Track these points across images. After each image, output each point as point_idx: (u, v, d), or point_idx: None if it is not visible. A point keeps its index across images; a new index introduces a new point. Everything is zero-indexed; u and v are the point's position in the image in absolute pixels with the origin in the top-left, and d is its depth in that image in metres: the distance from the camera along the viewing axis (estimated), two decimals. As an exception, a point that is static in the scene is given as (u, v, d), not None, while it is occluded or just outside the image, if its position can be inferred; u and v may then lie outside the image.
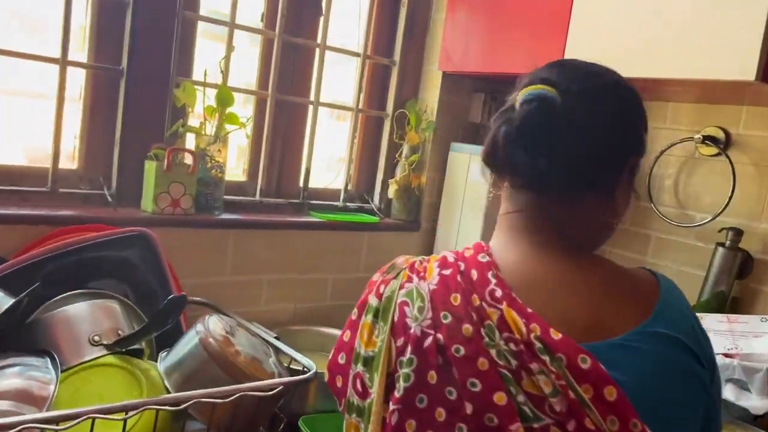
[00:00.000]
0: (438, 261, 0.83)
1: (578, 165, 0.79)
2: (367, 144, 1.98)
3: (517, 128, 0.78)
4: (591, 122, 0.79)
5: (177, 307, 1.10)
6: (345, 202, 1.94)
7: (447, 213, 1.94)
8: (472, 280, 0.78)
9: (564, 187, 0.81)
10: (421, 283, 0.81)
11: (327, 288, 1.82)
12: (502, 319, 0.74)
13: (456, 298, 0.77)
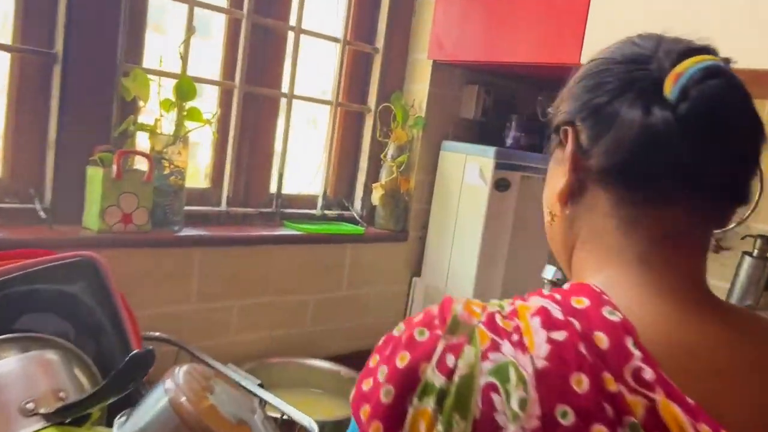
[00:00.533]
0: (537, 315, 0.57)
1: (754, 166, 0.60)
2: (347, 143, 1.73)
3: (703, 115, 0.57)
4: (754, 109, 0.60)
5: (141, 367, 0.83)
6: (323, 209, 1.69)
7: (439, 221, 1.72)
8: (601, 349, 0.53)
9: (739, 198, 0.61)
10: (520, 354, 0.54)
11: (307, 311, 1.57)
12: (653, 414, 0.51)
13: (580, 382, 0.52)
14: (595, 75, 0.64)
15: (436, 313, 0.60)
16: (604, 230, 0.63)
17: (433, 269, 1.72)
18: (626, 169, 0.60)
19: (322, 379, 1.45)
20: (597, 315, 0.55)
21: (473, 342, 0.56)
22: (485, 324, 0.57)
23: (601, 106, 0.61)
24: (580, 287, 0.60)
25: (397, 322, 1.94)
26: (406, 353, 0.58)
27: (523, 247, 1.74)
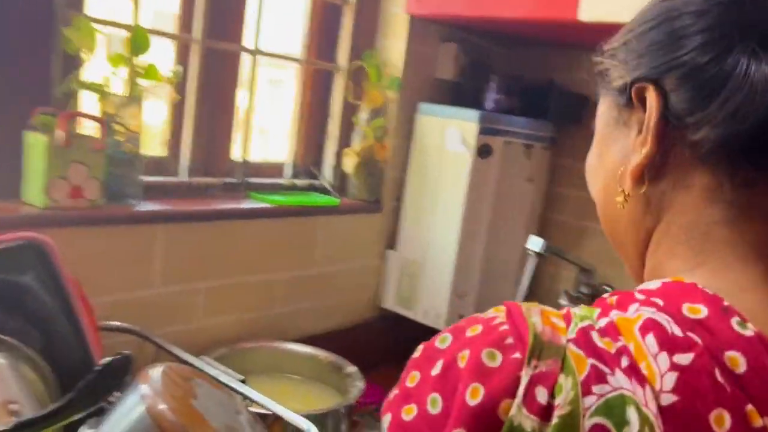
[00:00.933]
0: (649, 331, 0.45)
1: None
2: (315, 105, 1.59)
3: None
4: None
5: (115, 377, 0.69)
6: (292, 179, 1.54)
7: (416, 190, 1.61)
8: (738, 374, 0.43)
9: None
10: (637, 387, 0.43)
11: (277, 291, 1.44)
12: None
13: (722, 421, 0.42)
14: (685, 18, 0.52)
15: (506, 327, 0.47)
16: (704, 215, 0.52)
17: (409, 242, 1.62)
18: (750, 141, 0.48)
19: (298, 364, 1.33)
20: (725, 328, 0.45)
21: (567, 369, 0.44)
22: (577, 343, 0.45)
23: (708, 62, 0.49)
24: (682, 288, 0.48)
25: (370, 299, 1.79)
26: (478, 386, 0.45)
27: (504, 217, 1.65)
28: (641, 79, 0.54)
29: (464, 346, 0.48)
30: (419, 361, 0.51)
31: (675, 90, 0.51)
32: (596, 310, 0.49)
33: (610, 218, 0.60)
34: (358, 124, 1.56)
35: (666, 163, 0.53)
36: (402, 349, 1.74)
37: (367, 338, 1.64)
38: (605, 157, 0.59)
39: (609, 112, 0.59)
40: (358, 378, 1.24)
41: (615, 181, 0.57)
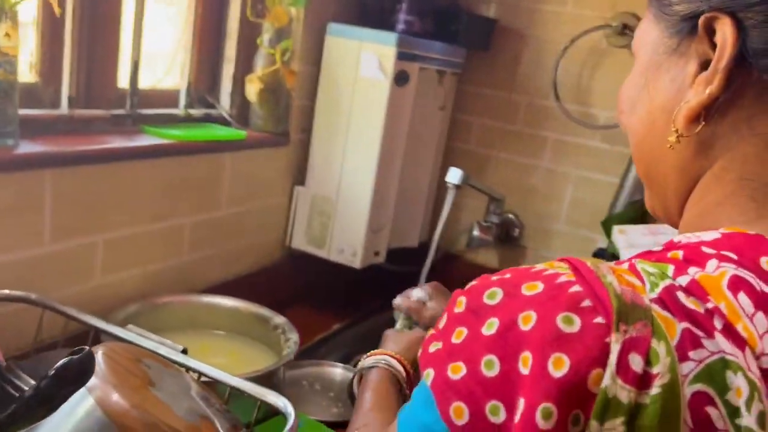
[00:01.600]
0: (740, 290, 0.42)
1: None
2: (208, 23, 1.38)
3: None
4: None
5: (74, 381, 0.53)
6: (187, 108, 1.35)
7: (327, 121, 1.48)
8: None
9: None
10: (739, 353, 0.40)
11: (183, 238, 1.27)
12: None
13: None
14: None
15: (579, 288, 0.43)
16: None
17: (320, 176, 1.50)
18: None
19: (218, 317, 1.20)
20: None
21: (659, 334, 0.40)
22: (663, 304, 0.42)
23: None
24: (751, 240, 0.45)
25: (278, 239, 1.66)
26: (561, 355, 0.40)
27: (417, 147, 1.58)
28: (715, 8, 0.48)
29: (525, 305, 0.43)
30: (464, 315, 0.46)
31: (758, 27, 0.46)
32: (669, 266, 0.44)
33: (651, 156, 0.55)
34: (262, 45, 1.38)
35: (731, 105, 0.48)
36: (313, 290, 1.65)
37: (277, 281, 1.53)
38: (652, 88, 0.53)
39: (661, 37, 0.53)
40: (290, 329, 1.14)
41: (665, 117, 0.52)
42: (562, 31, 1.60)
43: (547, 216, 1.70)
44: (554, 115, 1.64)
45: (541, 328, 0.42)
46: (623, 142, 1.57)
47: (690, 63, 0.50)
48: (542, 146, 1.68)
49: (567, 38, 1.57)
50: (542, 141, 1.68)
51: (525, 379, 0.41)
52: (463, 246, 1.76)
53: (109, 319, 1.03)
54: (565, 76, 1.61)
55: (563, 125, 1.64)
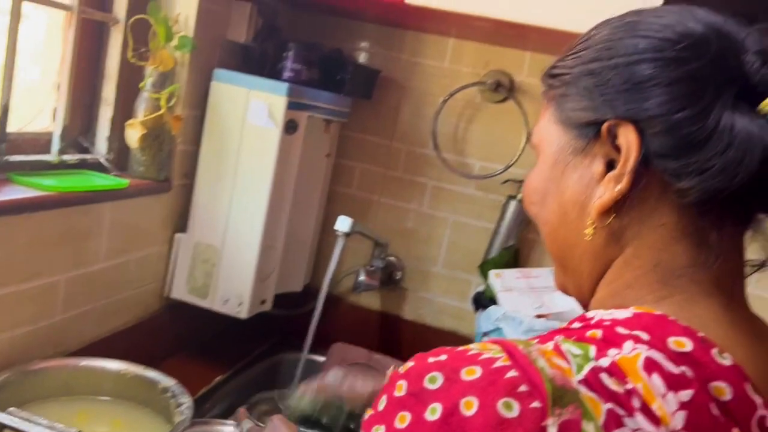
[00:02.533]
0: (654, 372, 0.46)
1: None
2: (84, 64, 1.29)
3: None
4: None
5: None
6: (61, 154, 1.25)
7: (213, 167, 1.43)
8: (724, 402, 0.47)
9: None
10: (656, 429, 0.44)
11: (57, 296, 1.17)
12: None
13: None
14: (670, 59, 0.52)
15: (515, 373, 0.46)
16: (673, 252, 0.54)
17: (204, 223, 1.45)
18: (735, 193, 0.50)
19: (101, 382, 1.11)
20: (709, 360, 0.48)
21: (587, 415, 0.44)
22: (589, 386, 0.45)
23: (698, 114, 0.50)
24: (658, 321, 0.50)
25: (157, 291, 1.63)
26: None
27: (303, 193, 1.58)
28: (619, 118, 0.53)
29: (466, 391, 0.46)
30: (406, 399, 0.48)
31: (657, 135, 0.52)
32: (591, 347, 0.49)
33: (565, 243, 0.61)
34: (145, 89, 1.32)
35: (638, 200, 0.54)
36: (193, 341, 1.59)
37: (155, 334, 1.45)
38: (562, 183, 0.59)
39: (567, 139, 0.58)
40: (180, 393, 1.09)
41: (576, 209, 0.58)
42: (440, 84, 1.69)
43: (426, 259, 1.77)
44: (433, 163, 1.72)
45: (484, 414, 0.44)
46: (496, 191, 1.67)
47: (596, 162, 0.56)
48: (421, 192, 1.75)
49: (445, 91, 1.66)
50: (421, 187, 1.75)
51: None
52: (348, 289, 1.78)
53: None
54: (443, 127, 1.69)
55: (441, 173, 1.71)
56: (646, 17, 0.56)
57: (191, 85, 1.40)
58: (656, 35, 0.54)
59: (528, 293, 1.56)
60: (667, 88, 0.52)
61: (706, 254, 0.53)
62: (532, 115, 1.62)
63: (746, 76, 0.51)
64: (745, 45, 0.52)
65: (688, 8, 0.55)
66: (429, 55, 1.70)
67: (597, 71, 0.56)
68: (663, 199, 0.54)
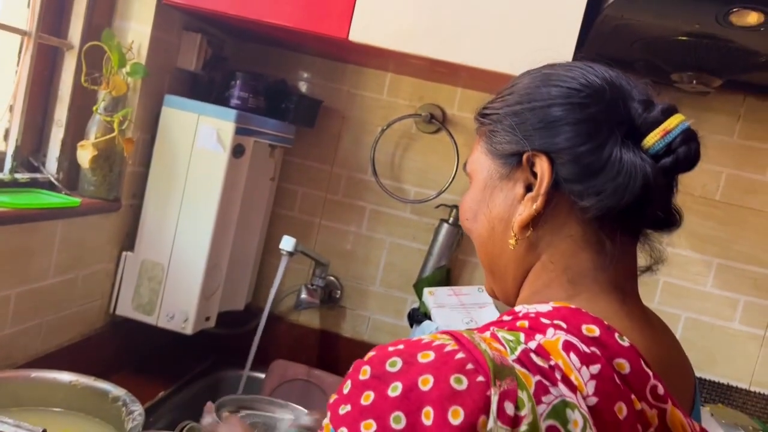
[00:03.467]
0: (570, 351, 0.57)
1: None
2: (37, 87, 1.34)
3: (682, 170, 0.65)
4: None
5: None
6: (13, 172, 1.29)
7: (161, 188, 1.50)
8: (625, 374, 0.58)
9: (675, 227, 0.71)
10: (572, 396, 0.55)
11: (7, 310, 1.20)
12: (663, 421, 0.59)
13: (621, 410, 0.56)
14: (574, 106, 0.65)
15: (462, 355, 0.56)
16: (579, 258, 0.67)
17: (151, 242, 1.50)
18: (623, 211, 0.64)
19: (50, 393, 1.14)
20: (612, 341, 0.60)
21: (521, 385, 0.54)
22: (522, 364, 0.56)
23: (595, 148, 0.64)
24: (573, 313, 0.62)
25: (102, 307, 1.72)
26: (457, 408, 0.53)
27: (248, 215, 1.66)
28: (536, 150, 0.67)
29: (423, 370, 0.55)
30: (370, 381, 0.56)
31: (565, 164, 0.65)
32: (521, 334, 0.60)
33: (493, 253, 0.73)
34: (97, 113, 1.37)
35: (551, 216, 0.67)
36: (137, 357, 1.62)
37: (99, 350, 1.48)
38: (490, 203, 0.72)
39: (495, 167, 0.71)
40: (131, 401, 1.13)
41: (502, 225, 0.71)
42: (379, 115, 1.81)
43: (364, 278, 1.86)
44: (371, 188, 1.83)
45: (438, 388, 0.53)
46: (430, 215, 1.80)
47: (517, 185, 0.69)
48: (360, 215, 1.85)
49: (383, 121, 1.78)
50: (360, 210, 1.85)
51: (428, 429, 0.52)
52: (288, 308, 1.85)
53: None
54: (381, 155, 1.81)
55: (379, 197, 1.82)
56: (557, 70, 0.70)
57: (143, 110, 1.46)
58: (564, 85, 0.67)
59: (459, 309, 1.67)
60: (573, 127, 0.65)
61: (604, 260, 0.66)
62: (462, 146, 1.76)
63: (632, 120, 0.65)
64: (632, 95, 0.67)
65: (590, 64, 0.70)
66: (368, 87, 1.82)
67: (519, 112, 0.69)
68: (570, 215, 0.67)
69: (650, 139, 0.64)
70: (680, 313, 1.73)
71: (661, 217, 0.68)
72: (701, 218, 1.70)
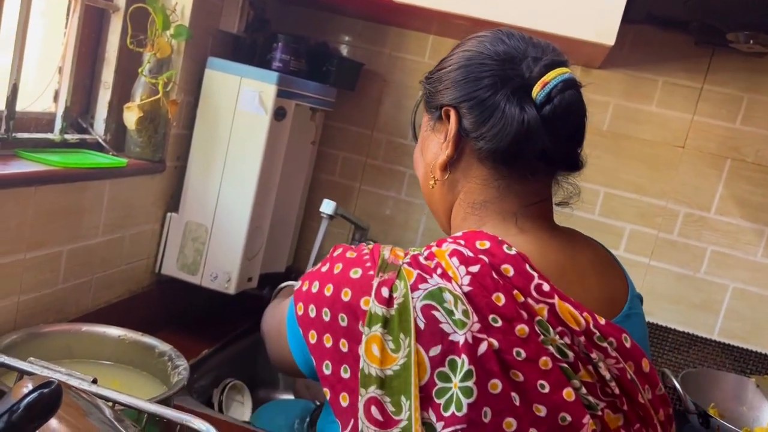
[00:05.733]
0: (454, 255, 0.74)
1: (581, 144, 0.84)
2: (84, 49, 1.37)
3: (561, 116, 0.77)
4: (585, 106, 0.82)
5: (45, 412, 0.55)
6: (63, 133, 1.32)
7: (204, 150, 1.51)
8: (509, 276, 0.73)
9: (577, 167, 0.83)
10: (447, 283, 0.72)
11: (60, 266, 1.24)
12: (553, 312, 0.72)
13: (499, 298, 0.71)
14: (474, 67, 0.80)
15: (367, 255, 0.77)
16: (483, 194, 0.82)
17: (196, 204, 1.53)
18: (505, 152, 0.79)
19: (101, 346, 1.19)
20: (500, 251, 0.75)
21: (401, 277, 0.73)
22: (410, 264, 0.74)
23: (484, 100, 0.78)
24: (476, 234, 0.78)
25: (148, 266, 1.75)
26: (347, 289, 0.75)
27: (289, 178, 1.67)
28: (448, 104, 0.82)
29: (340, 261, 0.79)
30: (323, 260, 0.82)
31: (465, 115, 0.81)
32: (423, 248, 0.78)
33: (428, 194, 0.90)
34: (143, 74, 1.39)
35: (459, 161, 0.83)
36: (181, 315, 1.67)
37: (146, 307, 1.53)
38: (425, 153, 0.88)
39: (428, 122, 0.87)
40: (177, 356, 1.17)
41: (429, 169, 0.87)
42: (420, 78, 1.78)
43: (403, 243, 1.86)
44: (410, 153, 1.80)
45: (342, 273, 0.77)
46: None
47: (440, 135, 0.85)
48: (400, 180, 1.85)
49: (425, 85, 1.76)
50: (400, 175, 1.85)
51: (328, 299, 0.76)
52: (328, 271, 1.87)
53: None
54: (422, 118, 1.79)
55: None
56: (472, 39, 0.84)
57: (186, 72, 1.48)
58: (468, 50, 0.82)
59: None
60: (468, 84, 0.80)
61: (500, 193, 0.81)
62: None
63: (522, 76, 0.78)
64: (527, 54, 0.80)
65: (499, 31, 0.84)
66: (410, 50, 1.80)
67: (440, 75, 0.84)
68: (473, 159, 0.82)
69: (534, 91, 0.77)
70: (728, 284, 1.69)
71: (556, 159, 0.80)
72: (754, 185, 1.65)
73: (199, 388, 1.49)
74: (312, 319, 0.77)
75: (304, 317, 0.79)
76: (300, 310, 0.79)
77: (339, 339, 0.75)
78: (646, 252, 1.74)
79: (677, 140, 1.69)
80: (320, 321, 0.76)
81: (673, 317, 1.73)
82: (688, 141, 1.69)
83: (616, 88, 1.71)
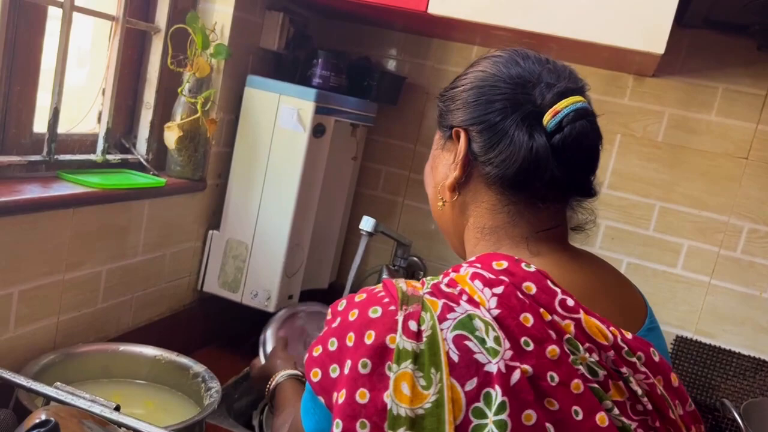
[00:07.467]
0: (476, 279, 0.70)
1: (595, 171, 0.81)
2: (127, 70, 1.39)
3: (572, 146, 0.74)
4: (600, 135, 0.80)
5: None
6: (105, 154, 1.34)
7: (244, 167, 1.52)
8: (532, 294, 0.70)
9: (590, 194, 0.81)
10: (475, 309, 0.68)
11: (99, 285, 1.26)
12: (580, 328, 0.69)
13: (527, 319, 0.68)
14: (486, 89, 0.77)
15: (383, 293, 0.71)
16: (493, 220, 0.79)
17: (236, 221, 1.53)
18: (513, 179, 0.76)
19: (136, 366, 1.19)
20: (519, 269, 0.71)
21: (426, 309, 0.68)
22: (432, 294, 0.70)
23: (494, 124, 0.76)
24: (490, 255, 0.74)
25: (190, 284, 1.74)
26: (370, 331, 0.68)
27: (330, 195, 1.65)
28: (459, 125, 0.79)
29: (354, 308, 0.72)
30: (328, 321, 0.74)
31: (475, 138, 0.78)
32: (440, 275, 0.73)
33: (437, 215, 0.87)
34: (182, 94, 1.40)
35: (468, 183, 0.80)
36: (223, 333, 1.67)
37: (187, 325, 1.54)
38: (435, 172, 0.85)
39: (439, 140, 0.85)
40: (210, 378, 1.16)
41: (438, 189, 0.83)
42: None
43: (447, 259, 1.82)
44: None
45: (360, 318, 0.70)
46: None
47: (449, 155, 0.81)
48: (445, 195, 1.80)
49: (469, 98, 1.71)
50: (445, 190, 1.80)
51: (350, 349, 0.68)
52: (371, 288, 1.84)
53: (24, 371, 1.02)
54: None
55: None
56: (487, 59, 0.81)
57: (226, 90, 1.48)
58: (481, 71, 0.79)
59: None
60: (478, 107, 0.77)
61: (511, 219, 0.78)
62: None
63: (534, 102, 0.75)
64: (541, 79, 0.76)
65: (514, 51, 0.81)
66: (454, 62, 1.76)
67: (453, 95, 0.81)
68: (482, 184, 0.79)
69: (545, 119, 0.74)
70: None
71: (567, 187, 0.78)
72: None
73: (239, 408, 1.48)
74: (334, 380, 0.69)
75: (323, 381, 0.70)
76: (315, 376, 0.70)
77: (351, 390, 0.67)
78: (707, 270, 1.63)
79: (740, 151, 1.59)
80: (343, 377, 0.68)
81: (738, 340, 1.62)
82: (751, 152, 1.58)
83: (672, 96, 1.62)
